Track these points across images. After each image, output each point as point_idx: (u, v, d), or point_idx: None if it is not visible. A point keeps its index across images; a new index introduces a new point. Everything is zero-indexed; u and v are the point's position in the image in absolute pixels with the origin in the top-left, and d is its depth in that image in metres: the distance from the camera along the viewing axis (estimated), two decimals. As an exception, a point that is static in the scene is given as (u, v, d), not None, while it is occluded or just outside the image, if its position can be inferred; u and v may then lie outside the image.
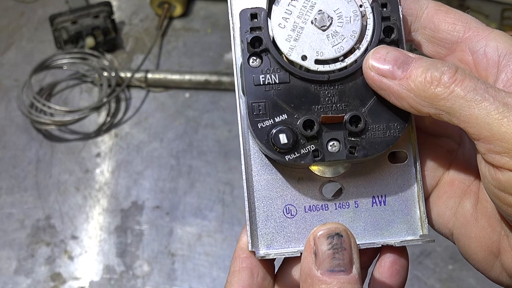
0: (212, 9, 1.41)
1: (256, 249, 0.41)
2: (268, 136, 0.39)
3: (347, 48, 0.40)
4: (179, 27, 1.38)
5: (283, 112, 0.40)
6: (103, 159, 1.16)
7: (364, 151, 0.40)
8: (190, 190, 1.11)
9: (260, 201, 0.42)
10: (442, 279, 1.00)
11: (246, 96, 0.40)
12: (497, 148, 0.34)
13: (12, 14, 1.39)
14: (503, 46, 0.40)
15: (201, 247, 1.04)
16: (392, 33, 0.40)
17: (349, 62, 0.40)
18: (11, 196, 1.10)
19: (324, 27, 0.40)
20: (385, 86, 0.38)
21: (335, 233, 0.36)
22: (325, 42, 0.40)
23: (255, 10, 0.40)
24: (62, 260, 1.03)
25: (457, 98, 0.35)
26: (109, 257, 1.04)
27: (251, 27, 0.40)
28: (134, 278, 1.01)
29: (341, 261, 0.35)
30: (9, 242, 1.05)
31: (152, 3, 1.36)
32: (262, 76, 0.40)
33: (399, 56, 0.38)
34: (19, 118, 1.20)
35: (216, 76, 1.24)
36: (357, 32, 0.40)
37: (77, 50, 1.26)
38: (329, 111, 0.40)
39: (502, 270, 0.41)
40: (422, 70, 0.37)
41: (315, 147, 0.40)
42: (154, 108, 1.23)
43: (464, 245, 0.42)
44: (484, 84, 0.36)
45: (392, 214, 0.43)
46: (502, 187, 0.35)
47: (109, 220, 1.08)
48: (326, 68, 0.40)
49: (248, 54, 0.40)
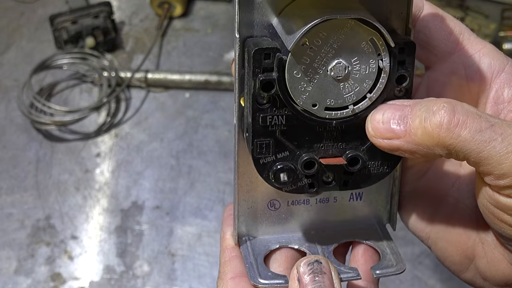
0: (212, 9, 1.41)
1: (241, 238, 0.44)
2: (268, 171, 0.40)
3: (358, 97, 0.39)
4: (179, 27, 1.38)
5: (285, 150, 0.40)
6: (103, 159, 1.16)
7: (356, 184, 0.41)
8: (190, 190, 1.11)
9: (247, 196, 0.44)
10: (443, 279, 1.00)
11: (251, 135, 0.39)
12: (507, 183, 0.35)
13: (12, 14, 1.39)
14: (497, 63, 0.40)
15: (201, 247, 1.04)
16: (405, 82, 0.39)
17: (358, 110, 0.39)
18: (11, 196, 1.10)
19: (340, 77, 0.38)
20: (395, 147, 0.38)
21: (315, 260, 0.38)
22: (338, 92, 0.39)
23: (269, 51, 0.37)
24: (62, 260, 1.03)
25: (465, 142, 0.35)
26: (109, 257, 1.04)
27: (263, 67, 0.37)
28: (134, 278, 1.01)
29: (321, 283, 0.37)
30: (9, 242, 1.05)
31: (152, 3, 1.36)
32: (270, 117, 0.39)
33: (395, 112, 0.37)
34: (19, 118, 1.20)
35: (216, 76, 1.24)
36: (370, 82, 0.39)
37: (77, 50, 1.26)
38: (330, 149, 0.40)
39: (476, 272, 0.42)
40: (419, 120, 0.36)
41: (312, 181, 0.41)
42: (154, 108, 1.23)
43: (441, 248, 0.44)
44: (488, 121, 0.35)
45: (367, 208, 0.46)
46: (500, 207, 0.36)
47: (109, 220, 1.08)
48: (335, 115, 0.39)
49: (257, 95, 0.38)
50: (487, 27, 1.29)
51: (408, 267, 1.02)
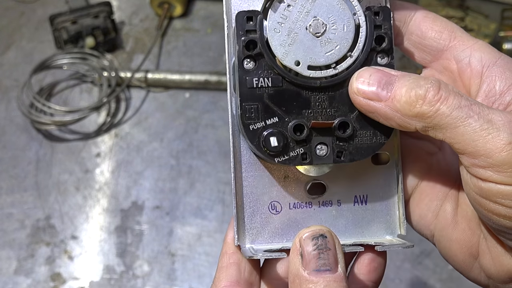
0: (212, 9, 1.41)
1: (242, 243, 0.43)
2: (259, 138, 0.41)
3: (339, 56, 0.41)
4: (179, 27, 1.38)
5: (275, 115, 0.41)
6: (103, 159, 1.16)
7: (350, 156, 0.41)
8: (190, 190, 1.11)
9: (247, 197, 0.43)
10: (442, 279, 1.00)
11: (239, 98, 0.41)
12: (482, 163, 0.36)
13: (12, 14, 1.39)
14: (487, 57, 0.41)
15: (201, 247, 1.05)
16: (384, 42, 0.41)
17: (341, 69, 0.41)
18: (11, 196, 1.10)
19: (318, 33, 0.41)
20: (372, 109, 0.39)
21: (320, 235, 0.37)
22: (318, 49, 0.41)
23: (251, 13, 0.40)
24: (62, 260, 1.03)
25: (442, 116, 0.36)
26: (109, 257, 1.04)
27: (246, 30, 0.40)
28: (134, 278, 1.01)
29: (326, 261, 0.36)
30: (9, 242, 1.05)
31: (152, 3, 1.36)
32: (256, 79, 0.40)
33: (382, 77, 0.39)
34: (19, 118, 1.20)
35: (216, 76, 1.24)
36: (350, 40, 0.41)
37: (77, 50, 1.26)
38: (319, 116, 0.41)
39: (481, 271, 0.42)
40: (406, 89, 0.38)
41: (304, 150, 0.41)
42: (154, 108, 1.23)
43: (445, 247, 0.44)
44: (468, 100, 0.37)
45: (372, 214, 0.45)
46: (484, 195, 0.37)
47: (109, 220, 1.08)
48: (318, 74, 0.41)
49: (242, 57, 0.40)
50: (487, 27, 1.29)
51: (408, 267, 1.03)
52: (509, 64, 0.40)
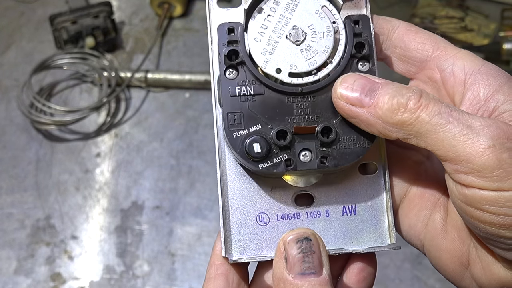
0: (212, 9, 1.41)
1: (229, 255, 0.43)
2: (242, 145, 0.41)
3: (320, 62, 0.41)
4: (179, 27, 1.38)
5: (258, 123, 0.41)
6: (103, 159, 1.16)
7: (335, 161, 0.41)
8: (190, 190, 1.11)
9: (234, 209, 0.43)
10: (442, 279, 1.00)
11: (222, 107, 0.41)
12: (463, 169, 0.36)
13: (12, 14, 1.39)
14: (469, 65, 0.41)
15: (201, 247, 1.05)
16: (363, 49, 0.42)
17: (322, 75, 0.41)
18: (11, 196, 1.10)
19: (298, 41, 0.42)
20: (354, 114, 0.39)
21: (304, 237, 0.37)
22: (299, 56, 0.42)
23: (233, 25, 0.42)
24: (62, 260, 1.03)
25: (422, 123, 0.37)
26: (109, 257, 1.04)
27: (228, 41, 0.42)
28: (134, 278, 1.01)
29: (311, 264, 0.36)
30: (9, 242, 1.05)
31: (152, 3, 1.36)
32: (238, 88, 0.41)
33: (366, 83, 0.39)
34: (19, 118, 1.20)
35: (216, 76, 1.24)
36: (329, 47, 0.42)
37: (77, 50, 1.26)
38: (302, 122, 0.41)
39: (472, 280, 0.42)
40: (388, 97, 0.38)
41: (288, 157, 0.41)
42: (154, 108, 1.23)
43: (435, 256, 0.44)
44: (448, 107, 0.37)
45: (361, 223, 0.44)
46: (469, 202, 0.37)
47: (109, 220, 1.08)
48: (299, 81, 0.41)
49: (224, 67, 0.41)
50: (487, 27, 1.29)
51: (408, 267, 1.03)
52: (492, 70, 0.40)
